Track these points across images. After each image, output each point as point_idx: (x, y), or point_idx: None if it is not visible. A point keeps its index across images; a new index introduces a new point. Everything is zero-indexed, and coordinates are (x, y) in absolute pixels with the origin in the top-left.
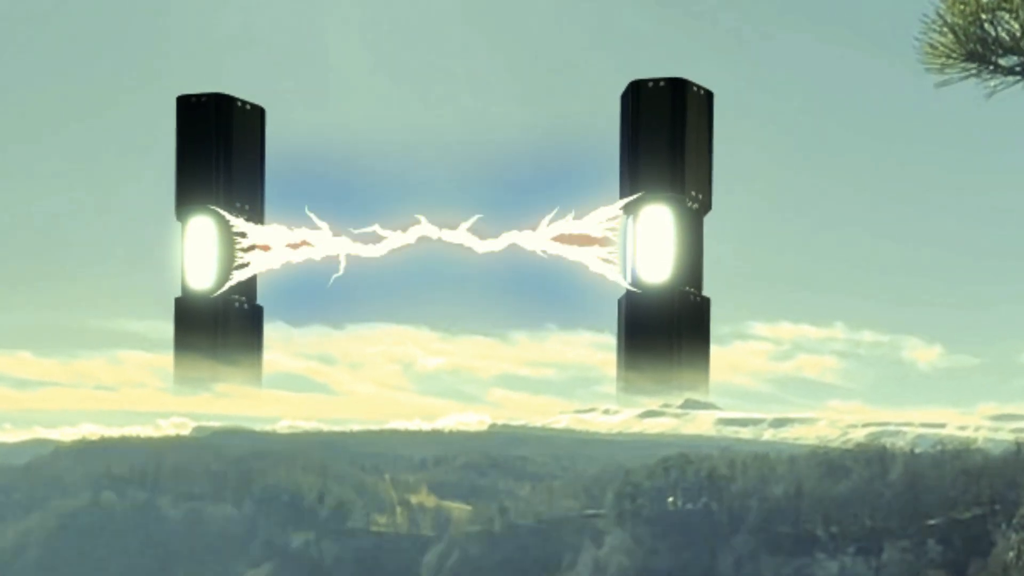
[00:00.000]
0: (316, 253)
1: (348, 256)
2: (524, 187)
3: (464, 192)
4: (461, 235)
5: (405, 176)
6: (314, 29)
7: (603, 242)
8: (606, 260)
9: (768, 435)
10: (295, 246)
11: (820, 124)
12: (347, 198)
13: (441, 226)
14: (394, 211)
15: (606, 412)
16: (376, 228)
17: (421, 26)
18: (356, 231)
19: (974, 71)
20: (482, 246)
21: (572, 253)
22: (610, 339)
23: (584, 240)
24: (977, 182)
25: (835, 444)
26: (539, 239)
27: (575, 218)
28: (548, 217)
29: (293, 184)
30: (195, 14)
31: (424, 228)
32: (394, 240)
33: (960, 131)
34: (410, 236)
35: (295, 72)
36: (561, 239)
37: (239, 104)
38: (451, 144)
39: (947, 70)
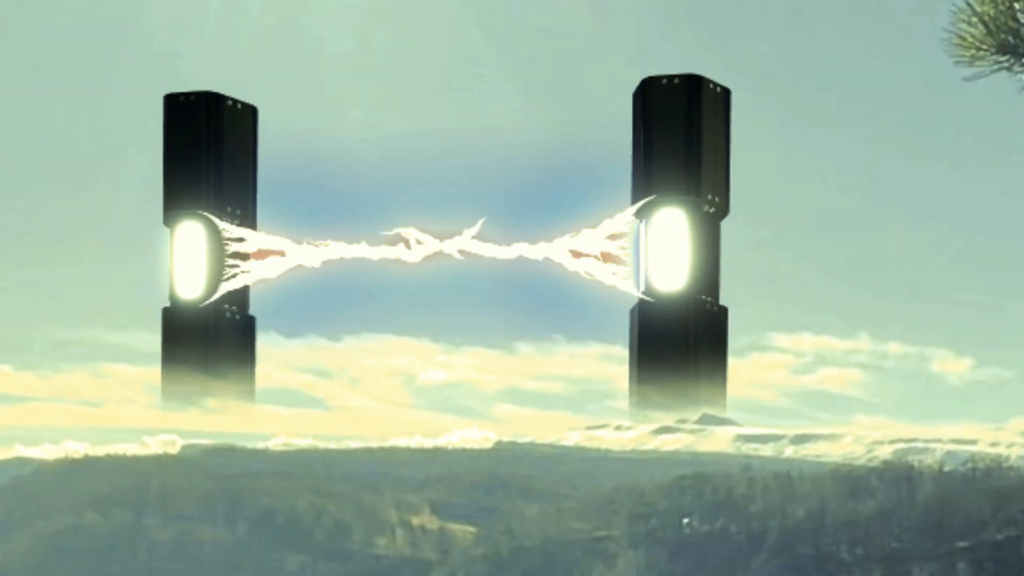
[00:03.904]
0: (311, 261)
1: (345, 265)
2: (530, 191)
3: (467, 197)
4: (464, 243)
5: (406, 180)
6: (309, 23)
7: (615, 253)
8: (616, 271)
9: (789, 452)
10: (289, 254)
11: (843, 123)
12: (344, 203)
13: (443, 233)
14: (394, 216)
15: (618, 428)
16: (375, 235)
17: (421, 23)
18: (354, 238)
19: (1006, 64)
20: (486, 254)
21: (581, 262)
22: (622, 351)
23: (593, 249)
24: (1008, 184)
25: (860, 462)
26: (546, 247)
27: (585, 225)
28: (556, 223)
29: (287, 188)
30: (183, 7)
31: (425, 235)
32: (394, 248)
33: (991, 128)
34: (411, 243)
35: (289, 69)
36: (570, 247)
37: (230, 103)
38: (453, 147)
39: (977, 63)
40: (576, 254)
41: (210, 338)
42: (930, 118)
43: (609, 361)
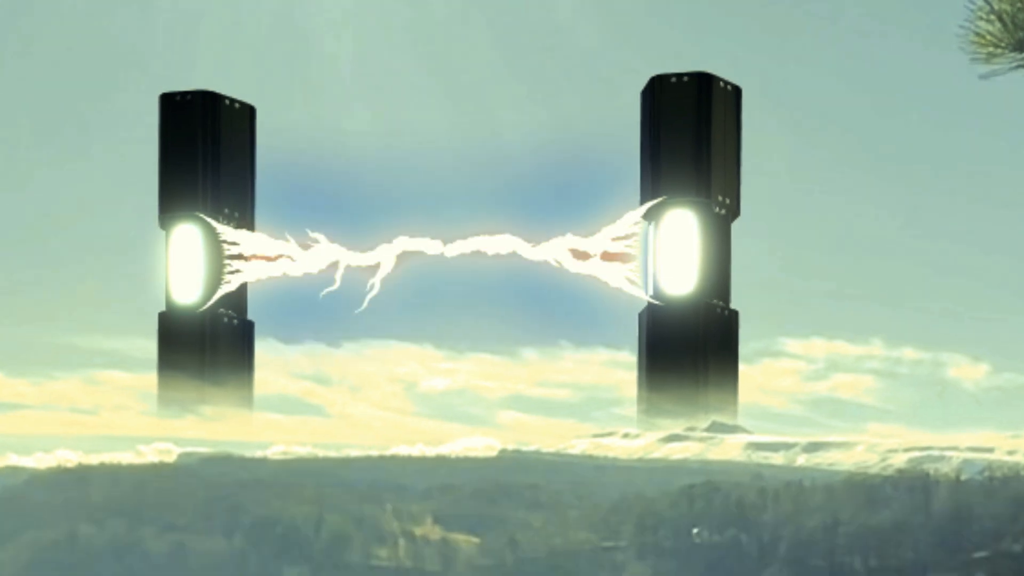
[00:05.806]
0: (311, 265)
1: (345, 268)
2: (536, 192)
3: (470, 198)
4: (466, 246)
5: (408, 180)
6: (307, 20)
7: (623, 256)
8: (626, 273)
9: (801, 461)
10: (288, 257)
11: (858, 122)
12: (345, 204)
13: (445, 236)
14: (395, 218)
15: (625, 436)
16: (376, 237)
17: (422, 21)
18: (354, 241)
19: (1023, 61)
20: (490, 258)
21: (588, 265)
22: (630, 357)
23: (601, 251)
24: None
25: (874, 470)
26: (552, 249)
27: (591, 226)
28: (562, 225)
29: (286, 189)
30: (180, 3)
31: (426, 239)
32: (395, 251)
33: (1009, 126)
34: (412, 247)
35: (287, 67)
36: (576, 250)
37: (227, 102)
38: (456, 148)
39: (994, 60)
40: (583, 257)
41: (207, 344)
42: (949, 120)
43: (617, 367)
